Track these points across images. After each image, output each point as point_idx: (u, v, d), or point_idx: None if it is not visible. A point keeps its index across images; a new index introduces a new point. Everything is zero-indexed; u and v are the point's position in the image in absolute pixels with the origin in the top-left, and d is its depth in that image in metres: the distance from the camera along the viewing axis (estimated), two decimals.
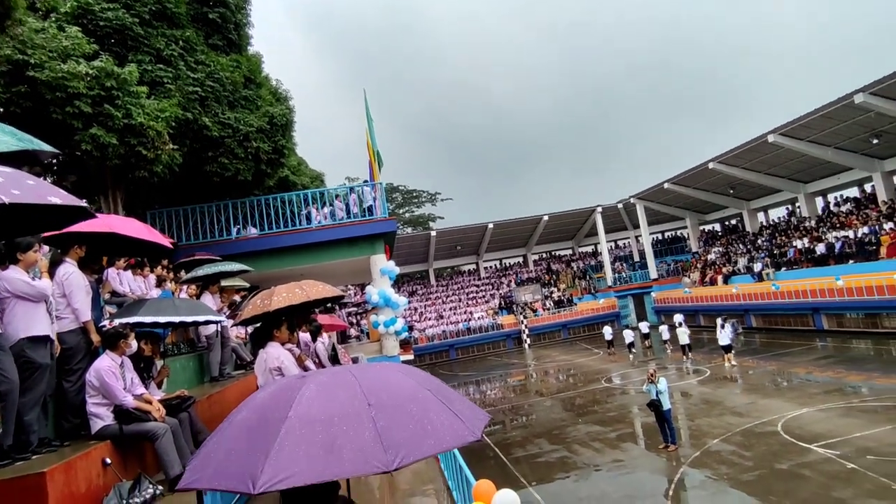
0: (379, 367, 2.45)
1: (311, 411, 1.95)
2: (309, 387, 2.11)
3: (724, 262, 31.51)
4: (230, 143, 10.68)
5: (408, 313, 37.22)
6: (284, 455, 1.79)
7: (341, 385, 2.14)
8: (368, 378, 2.19)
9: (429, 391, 2.21)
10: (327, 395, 2.06)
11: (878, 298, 19.75)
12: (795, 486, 8.54)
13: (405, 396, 2.12)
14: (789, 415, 12.14)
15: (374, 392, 2.07)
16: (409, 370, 2.49)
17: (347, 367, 2.37)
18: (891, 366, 15.77)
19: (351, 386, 2.11)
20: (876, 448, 9.41)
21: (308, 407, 1.97)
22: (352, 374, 2.21)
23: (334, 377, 2.23)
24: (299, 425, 1.89)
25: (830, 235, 24.73)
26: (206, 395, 6.12)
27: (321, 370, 2.56)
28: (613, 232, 43.28)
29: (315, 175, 20.81)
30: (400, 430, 1.92)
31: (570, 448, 12.48)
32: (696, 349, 22.48)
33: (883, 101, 20.18)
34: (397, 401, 2.07)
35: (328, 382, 2.17)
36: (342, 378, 2.19)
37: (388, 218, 13.08)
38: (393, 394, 2.11)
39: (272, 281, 5.33)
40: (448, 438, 2.00)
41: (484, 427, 2.30)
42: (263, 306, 4.60)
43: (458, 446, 2.10)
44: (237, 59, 11.54)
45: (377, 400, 2.01)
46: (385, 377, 2.27)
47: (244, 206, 12.32)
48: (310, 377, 2.28)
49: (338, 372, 2.31)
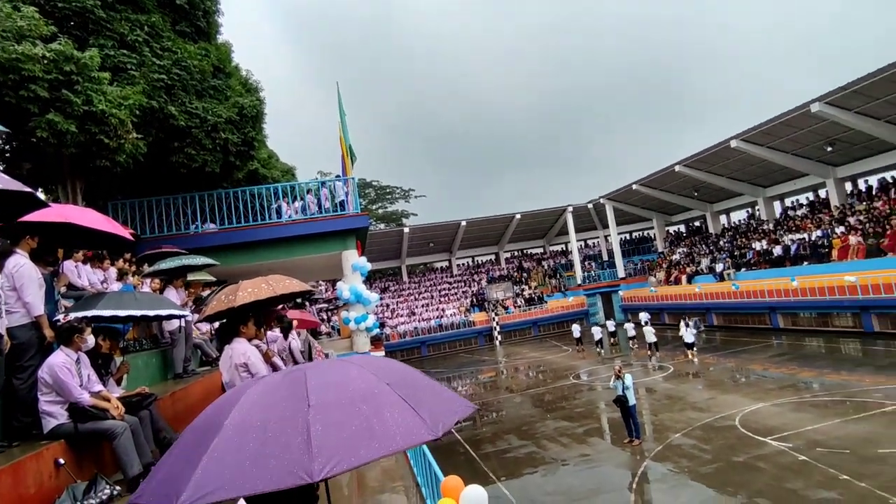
0: (341, 363, 2.30)
1: (248, 417, 1.84)
2: (254, 390, 1.99)
3: (687, 263, 32.50)
4: (197, 134, 10.37)
5: (379, 310, 37.02)
6: (211, 468, 1.68)
7: (287, 385, 2.00)
8: (321, 375, 2.07)
9: (388, 385, 2.06)
10: (269, 398, 1.94)
11: (829, 298, 20.75)
12: (751, 477, 8.90)
13: (357, 393, 1.97)
14: (746, 409, 12.64)
15: (320, 391, 1.93)
16: (375, 363, 2.34)
17: (305, 365, 2.25)
18: (840, 363, 16.61)
19: (297, 385, 1.97)
20: (825, 441, 9.90)
21: (246, 413, 1.86)
22: (304, 371, 2.08)
23: (285, 377, 2.10)
24: (233, 434, 1.77)
25: (787, 238, 25.81)
26: (170, 393, 5.95)
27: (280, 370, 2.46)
28: (584, 231, 44.05)
29: (286, 168, 20.43)
30: (337, 434, 1.77)
31: (538, 443, 12.67)
32: (661, 347, 23.14)
33: (837, 111, 21.16)
34: (345, 399, 1.93)
35: (275, 383, 2.05)
36: (292, 377, 2.06)
37: (361, 213, 12.97)
38: (342, 391, 1.97)
39: (241, 276, 5.22)
40: (398, 439, 1.84)
41: (463, 418, 2.17)
42: (228, 302, 4.49)
43: (409, 447, 1.97)
44: (206, 48, 11.20)
45: (320, 399, 1.88)
46: (342, 372, 2.13)
47: (211, 199, 11.99)
48: (264, 378, 2.17)
49: (292, 371, 2.18)
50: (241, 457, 1.69)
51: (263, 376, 2.31)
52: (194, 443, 1.86)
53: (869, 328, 19.80)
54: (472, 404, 2.26)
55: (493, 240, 44.54)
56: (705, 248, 32.88)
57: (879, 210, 22.30)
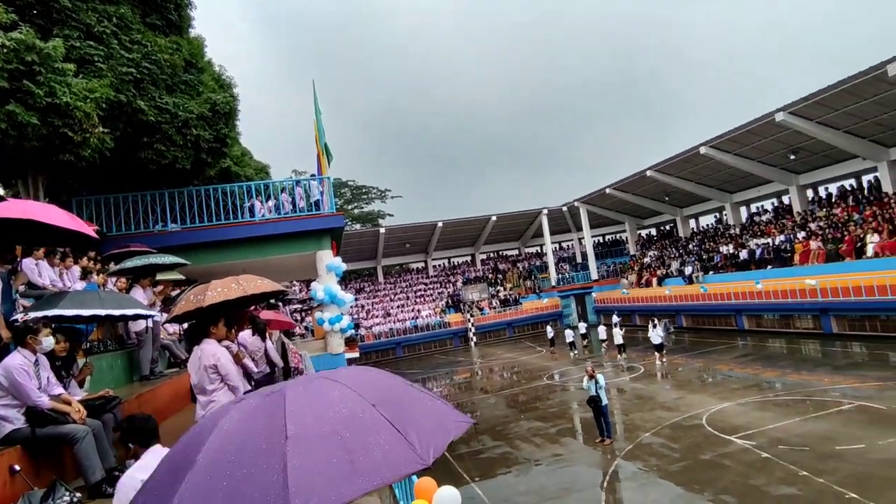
0: (322, 381, 2.09)
1: (222, 450, 1.68)
2: (231, 416, 1.83)
3: (658, 265, 33.27)
4: (168, 130, 10.10)
5: (354, 310, 36.71)
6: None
7: (265, 411, 1.83)
8: (301, 397, 1.89)
9: (373, 407, 1.90)
10: (245, 426, 1.77)
11: (791, 301, 21.54)
12: (717, 474, 9.16)
13: (339, 419, 1.80)
14: (713, 409, 13.01)
15: (299, 417, 1.77)
16: (360, 377, 2.14)
17: (286, 384, 2.04)
18: (800, 363, 17.25)
19: (275, 410, 1.81)
20: (786, 438, 10.27)
21: (220, 444, 1.71)
22: (284, 394, 1.91)
23: (264, 399, 1.92)
24: (206, 469, 1.63)
25: (752, 243, 26.69)
26: (135, 395, 5.77)
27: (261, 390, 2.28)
28: (558, 234, 44.62)
29: (260, 167, 20.06)
30: (316, 469, 1.62)
31: (511, 444, 12.76)
32: (632, 347, 23.62)
33: (800, 121, 22.01)
34: (326, 427, 1.77)
35: (252, 409, 1.88)
36: (270, 400, 1.89)
37: (336, 213, 12.84)
38: (322, 417, 1.80)
39: (213, 276, 5.10)
40: (384, 471, 1.69)
41: (457, 436, 1.99)
42: (197, 302, 4.39)
43: (397, 480, 1.80)
44: (177, 42, 10.93)
45: (298, 428, 1.72)
46: (323, 393, 1.95)
47: (182, 197, 11.69)
48: (241, 402, 1.99)
49: (271, 392, 2.00)
50: (213, 497, 1.55)
51: (242, 397, 2.15)
52: (168, 481, 1.71)
53: (828, 330, 20.63)
54: (469, 418, 2.09)
55: (470, 241, 44.70)
56: (675, 251, 33.72)
57: (838, 217, 23.28)
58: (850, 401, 12.10)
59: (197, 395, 4.57)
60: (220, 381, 4.53)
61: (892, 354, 16.49)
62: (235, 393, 4.67)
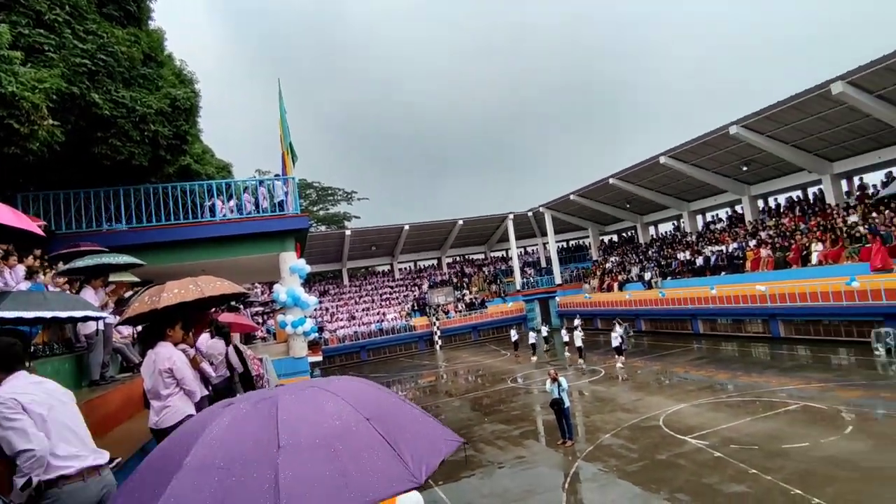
0: (316, 391, 2.02)
1: (211, 455, 1.63)
2: (220, 422, 1.77)
3: (619, 271, 34.19)
4: (124, 124, 9.69)
5: (318, 314, 36.14)
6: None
7: (257, 418, 1.78)
8: (294, 406, 1.84)
9: (367, 421, 1.84)
10: (237, 432, 1.71)
11: (743, 306, 22.54)
12: (673, 474, 9.47)
13: (332, 432, 1.75)
14: (669, 410, 13.45)
15: (292, 427, 1.71)
16: (351, 388, 2.08)
17: (278, 391, 1.97)
18: (751, 366, 18.06)
19: (267, 419, 1.76)
20: (737, 438, 10.72)
21: (209, 449, 1.65)
22: (276, 401, 1.85)
23: (255, 406, 1.87)
24: (193, 475, 1.57)
25: (707, 250, 27.80)
26: (84, 401, 5.49)
27: (250, 393, 2.15)
28: (523, 238, 45.24)
29: (222, 165, 19.51)
30: (309, 482, 1.57)
31: (475, 447, 12.82)
32: (593, 350, 24.16)
33: (752, 134, 23.14)
34: (319, 438, 1.72)
35: (243, 415, 1.82)
36: (262, 407, 1.84)
37: (301, 214, 12.62)
38: (316, 428, 1.75)
39: (170, 277, 4.92)
40: (377, 487, 1.64)
41: (448, 455, 1.94)
42: (151, 303, 4.24)
43: (389, 497, 1.77)
44: (135, 34, 10.51)
45: (291, 438, 1.67)
46: (317, 404, 1.89)
47: (138, 194, 11.23)
48: (232, 405, 1.92)
49: (263, 397, 1.94)
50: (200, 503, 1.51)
51: (231, 401, 2.05)
52: (152, 482, 1.65)
53: (776, 334, 21.69)
54: (458, 437, 2.03)
55: (436, 245, 44.76)
56: (635, 257, 34.75)
57: (786, 226, 24.55)
58: (796, 401, 12.75)
59: (150, 400, 4.40)
60: (176, 386, 4.39)
61: (834, 357, 17.49)
62: (192, 398, 4.53)
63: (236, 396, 2.30)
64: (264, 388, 5.98)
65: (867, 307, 17.67)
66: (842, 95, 18.92)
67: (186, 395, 4.46)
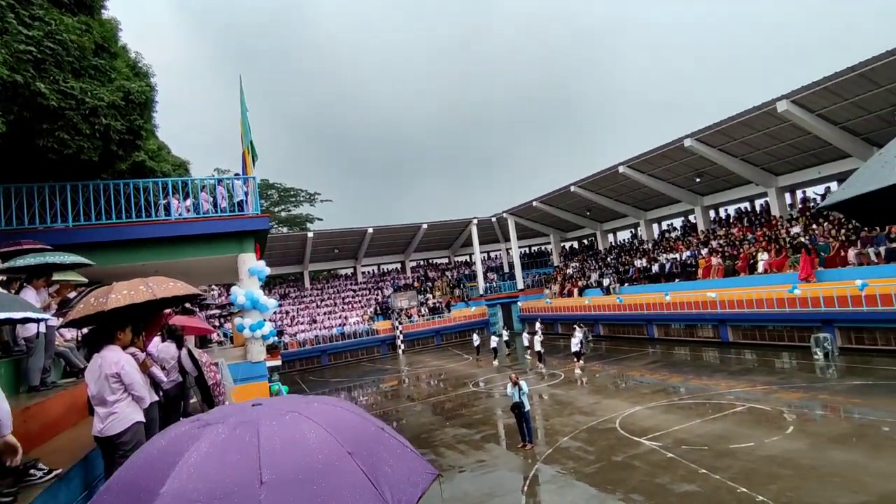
0: (297, 417, 1.90)
1: (190, 486, 1.54)
2: (197, 449, 1.68)
3: (579, 276, 35.00)
4: (72, 117, 9.20)
5: (278, 317, 35.31)
6: None
7: (237, 446, 1.70)
8: (276, 434, 1.76)
9: (350, 456, 1.78)
10: (217, 461, 1.63)
11: (695, 312, 23.50)
12: (628, 475, 9.74)
13: (316, 466, 1.68)
14: (625, 413, 13.84)
15: (275, 459, 1.64)
16: (330, 416, 2.00)
17: (258, 414, 1.86)
18: (701, 369, 18.82)
19: (248, 448, 1.68)
20: (688, 439, 11.14)
21: (188, 479, 1.57)
22: (257, 428, 1.76)
23: (234, 431, 1.77)
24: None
25: (662, 257, 28.87)
26: (22, 408, 5.17)
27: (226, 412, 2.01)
28: (487, 244, 45.68)
29: (179, 163, 18.83)
30: None
31: (436, 451, 12.81)
32: (553, 355, 24.60)
33: (704, 147, 24.23)
34: (302, 473, 1.65)
35: (222, 442, 1.73)
36: (242, 434, 1.75)
37: (261, 215, 12.31)
38: (300, 462, 1.68)
39: (121, 277, 4.70)
40: None
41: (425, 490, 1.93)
42: (98, 305, 4.04)
43: None
44: (87, 22, 10.02)
45: (274, 473, 1.60)
46: (298, 433, 1.81)
47: (87, 191, 10.69)
48: (208, 429, 1.81)
49: (241, 423, 1.83)
50: None
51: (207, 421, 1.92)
52: None
53: (725, 339, 22.70)
54: (433, 468, 1.99)
55: (400, 248, 44.58)
56: (595, 263, 35.67)
57: (735, 236, 25.78)
58: (743, 403, 13.37)
59: (95, 406, 4.20)
60: (123, 392, 4.20)
61: (777, 361, 18.45)
62: (141, 404, 4.35)
63: (209, 413, 2.18)
64: (232, 403, 5.78)
65: (807, 314, 18.76)
66: (786, 113, 20.10)
67: (135, 401, 4.28)
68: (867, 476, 8.33)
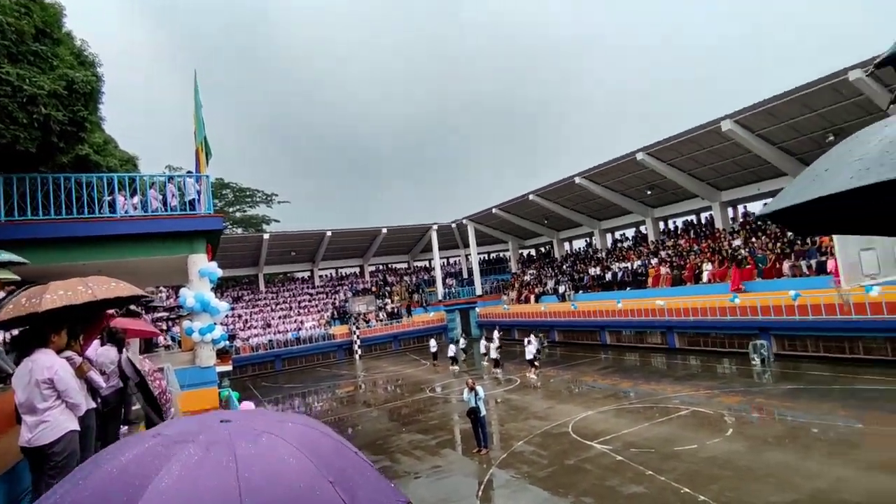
0: (273, 438, 1.83)
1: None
2: (170, 468, 1.58)
3: (536, 283, 35.66)
4: (7, 104, 8.61)
5: (231, 320, 34.09)
6: None
7: (213, 467, 1.61)
8: (253, 457, 1.68)
9: (331, 484, 1.71)
10: (191, 486, 1.54)
11: (645, 319, 24.40)
12: (580, 478, 9.98)
13: (298, 496, 1.62)
14: (578, 417, 14.17)
15: (255, 487, 1.56)
16: (306, 437, 1.93)
17: (231, 433, 1.78)
18: (650, 374, 19.54)
19: (226, 473, 1.59)
20: (637, 442, 11.53)
21: None
22: (233, 449, 1.68)
23: (207, 453, 1.67)
24: None
25: (615, 266, 29.85)
26: None
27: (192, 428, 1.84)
28: (446, 249, 45.82)
29: (127, 158, 17.89)
30: None
31: (392, 457, 12.69)
32: (510, 360, 24.91)
33: (655, 161, 25.31)
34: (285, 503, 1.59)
35: (197, 461, 1.63)
36: (217, 456, 1.66)
37: (214, 214, 11.88)
38: (281, 492, 1.60)
39: (60, 277, 4.42)
40: None
41: None
42: (31, 306, 3.78)
43: None
44: (27, 5, 9.41)
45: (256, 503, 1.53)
46: (277, 457, 1.74)
47: (23, 184, 10.01)
48: (177, 448, 1.70)
49: (213, 443, 1.73)
50: None
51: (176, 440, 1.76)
52: None
53: (672, 345, 23.67)
54: (405, 496, 2.04)
55: (359, 252, 44.07)
56: (551, 270, 36.44)
57: (682, 247, 27.00)
58: (687, 407, 13.97)
59: (23, 414, 3.93)
60: (56, 399, 3.95)
61: (719, 366, 19.40)
62: (76, 411, 4.10)
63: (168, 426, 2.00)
64: (191, 416, 5.54)
65: (746, 322, 19.85)
66: (730, 132, 21.29)
67: (69, 409, 4.02)
68: (798, 476, 8.88)
